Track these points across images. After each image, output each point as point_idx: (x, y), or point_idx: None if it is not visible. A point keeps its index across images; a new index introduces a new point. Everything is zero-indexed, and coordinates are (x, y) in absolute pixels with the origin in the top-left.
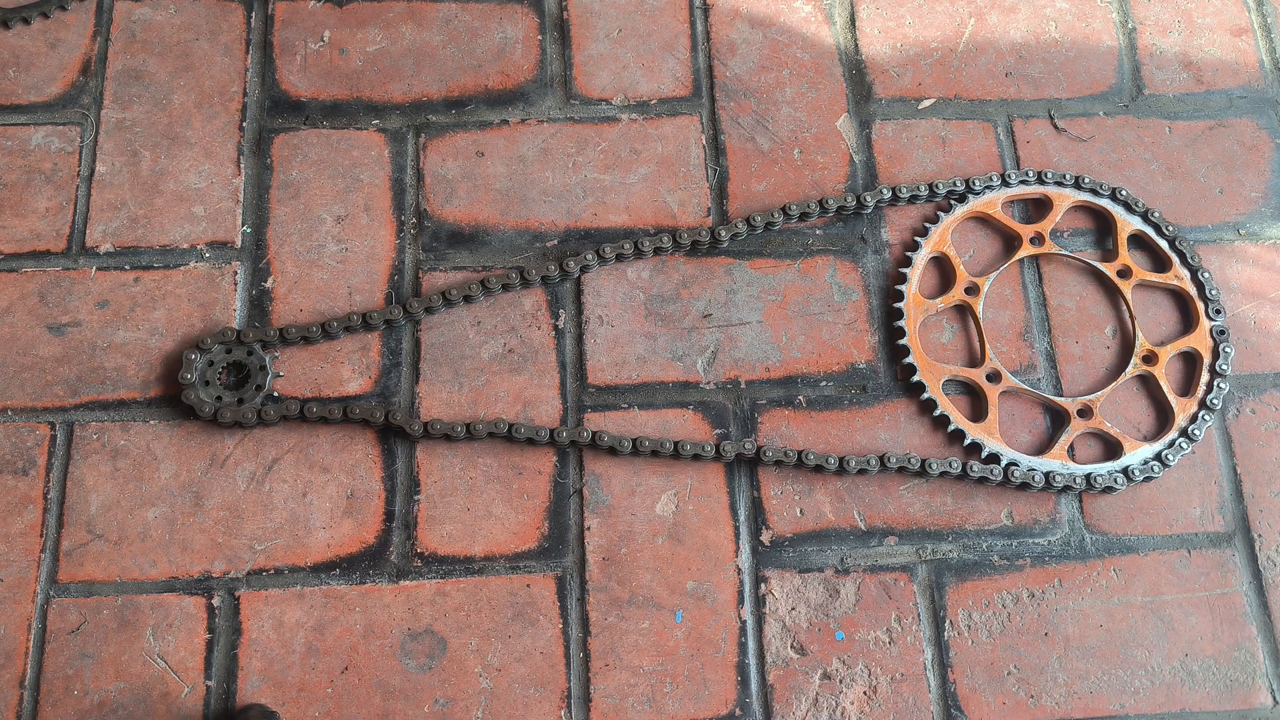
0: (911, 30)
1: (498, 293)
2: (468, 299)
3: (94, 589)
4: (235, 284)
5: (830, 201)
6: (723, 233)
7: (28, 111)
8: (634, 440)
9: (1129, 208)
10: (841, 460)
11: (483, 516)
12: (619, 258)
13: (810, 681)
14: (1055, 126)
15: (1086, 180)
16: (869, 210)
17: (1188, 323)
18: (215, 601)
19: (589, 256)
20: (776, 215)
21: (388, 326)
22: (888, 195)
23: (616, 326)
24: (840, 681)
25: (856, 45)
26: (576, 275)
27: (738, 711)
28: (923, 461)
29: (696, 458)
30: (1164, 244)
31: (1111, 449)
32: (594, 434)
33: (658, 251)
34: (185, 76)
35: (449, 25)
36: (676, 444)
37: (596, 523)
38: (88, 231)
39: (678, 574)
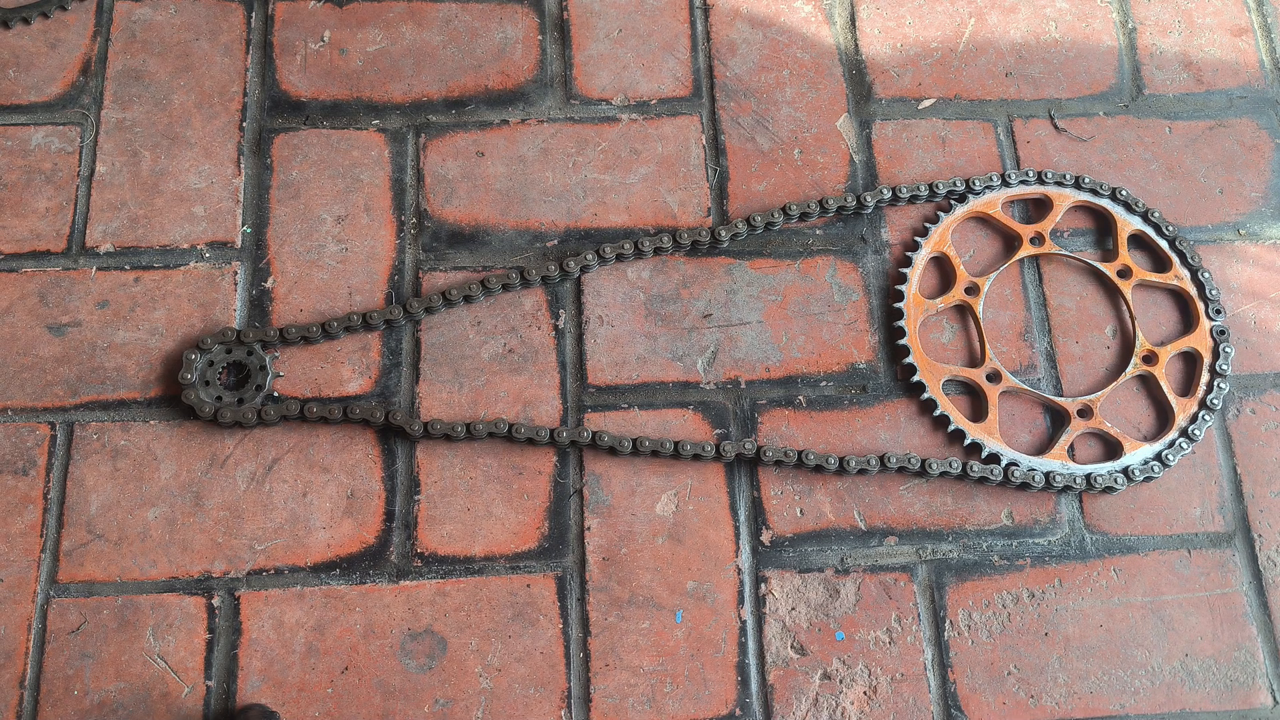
0: (911, 30)
1: (498, 293)
2: (468, 299)
3: (94, 589)
4: (235, 284)
5: (830, 201)
6: (723, 233)
7: (28, 111)
8: (634, 440)
9: (1129, 208)
10: (841, 460)
11: (483, 516)
12: (619, 258)
13: (810, 681)
14: (1055, 126)
15: (1086, 180)
16: (869, 210)
17: (1188, 323)
18: (215, 601)
19: (589, 256)
20: (777, 215)
21: (388, 326)
22: (888, 195)
23: (616, 326)
24: (840, 681)
25: (856, 45)
26: (576, 275)
27: (738, 711)
28: (923, 461)
29: (696, 458)
30: (1164, 244)
31: (1112, 449)
32: (594, 434)
33: (658, 251)
34: (185, 76)
35: (449, 25)
36: (676, 444)
37: (596, 523)
38: (88, 231)
39: (678, 574)
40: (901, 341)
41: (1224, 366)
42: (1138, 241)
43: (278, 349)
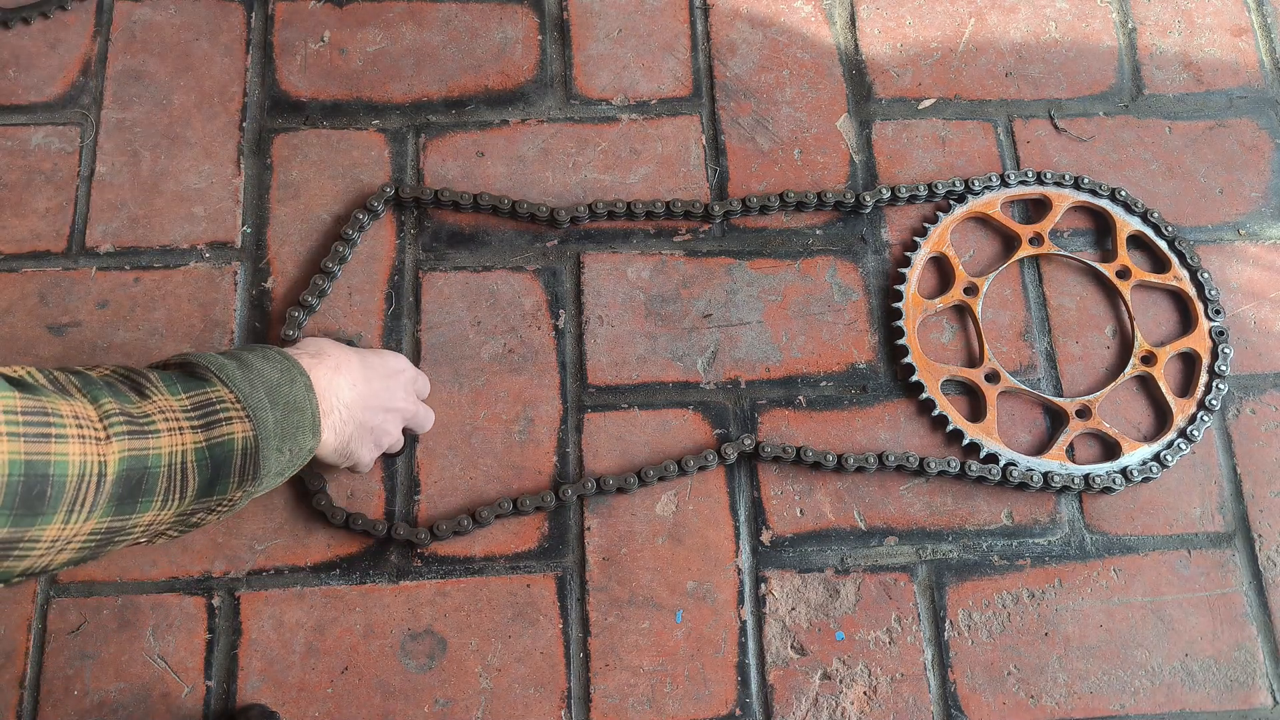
0: (911, 30)
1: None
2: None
3: (94, 589)
4: (235, 284)
5: (829, 195)
6: (716, 208)
7: (28, 111)
8: (638, 473)
9: (1128, 208)
10: (840, 457)
11: None
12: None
13: (810, 681)
14: (1055, 126)
15: (1086, 180)
16: (868, 209)
17: (1187, 323)
18: (215, 601)
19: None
20: (773, 200)
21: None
22: (887, 195)
23: (616, 326)
24: (840, 681)
25: (856, 45)
26: (577, 275)
27: (738, 711)
28: (921, 460)
29: (702, 469)
30: (1163, 244)
31: (1110, 449)
32: (598, 480)
33: (652, 219)
34: (185, 76)
35: (449, 25)
36: (680, 462)
37: (596, 523)
38: (88, 231)
39: (678, 574)
40: (900, 341)
41: (1223, 367)
42: (1137, 242)
43: None
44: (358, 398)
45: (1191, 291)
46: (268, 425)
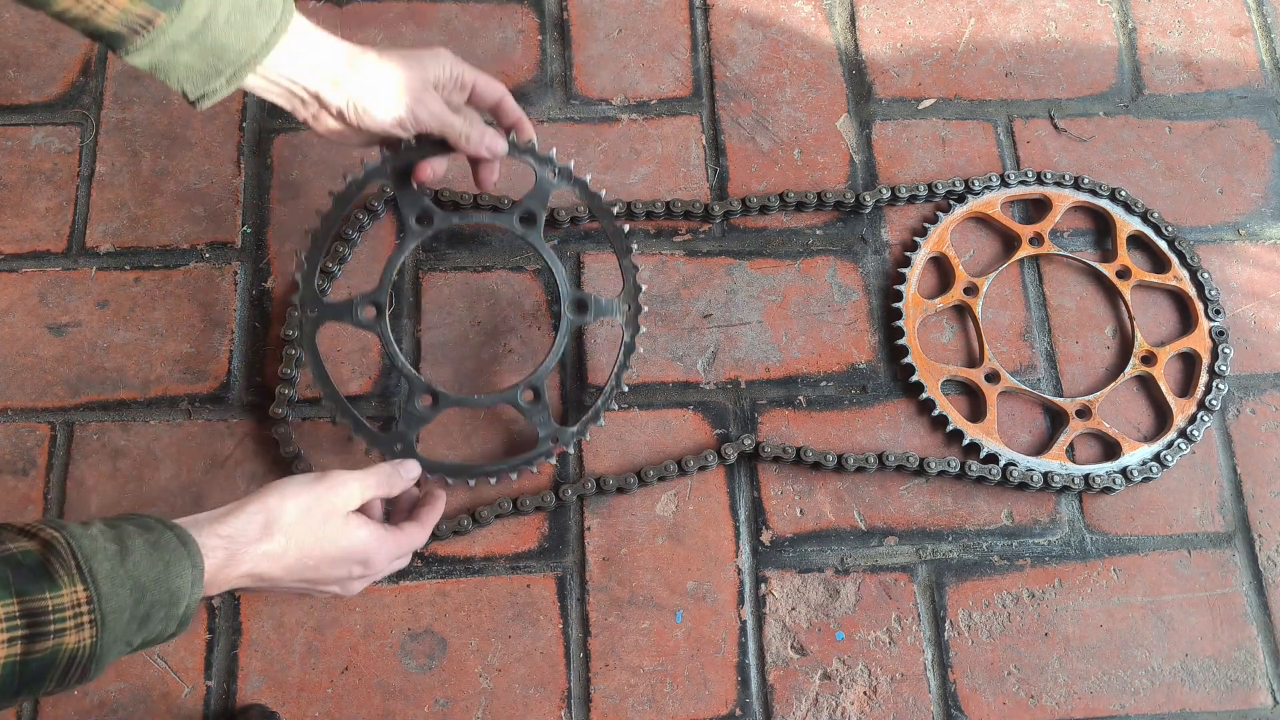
0: (911, 30)
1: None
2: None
3: None
4: (235, 284)
5: (829, 195)
6: (716, 208)
7: (28, 111)
8: (639, 473)
9: (1128, 208)
10: (840, 457)
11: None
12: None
13: (810, 681)
14: (1055, 126)
15: (1086, 181)
16: (868, 209)
17: (1187, 323)
18: (215, 601)
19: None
20: (773, 200)
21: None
22: (887, 195)
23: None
24: (840, 681)
25: (856, 45)
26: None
27: (738, 711)
28: (921, 460)
29: (702, 469)
30: (1163, 244)
31: (1110, 449)
32: (599, 480)
33: (654, 221)
34: None
35: (449, 25)
36: (680, 462)
37: (596, 523)
38: (88, 231)
39: (678, 574)
40: (900, 341)
41: (1223, 367)
42: (1137, 242)
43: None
44: (284, 571)
45: (1191, 291)
46: (118, 628)
